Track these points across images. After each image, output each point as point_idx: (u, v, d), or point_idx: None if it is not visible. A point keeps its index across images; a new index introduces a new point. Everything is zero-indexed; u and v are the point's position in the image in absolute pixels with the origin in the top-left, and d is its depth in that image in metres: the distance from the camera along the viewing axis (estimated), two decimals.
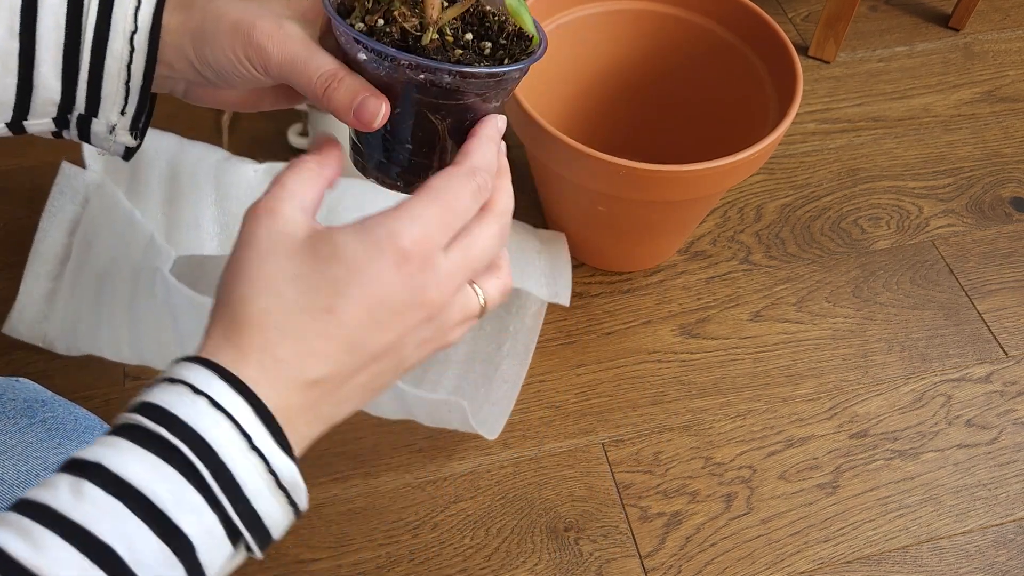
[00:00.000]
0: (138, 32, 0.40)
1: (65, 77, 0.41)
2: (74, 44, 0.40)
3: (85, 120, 0.43)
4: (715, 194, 0.84)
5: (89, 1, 0.40)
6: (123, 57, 0.41)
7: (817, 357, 0.90)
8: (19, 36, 0.40)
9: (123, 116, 0.43)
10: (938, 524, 0.79)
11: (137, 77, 0.42)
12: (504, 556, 0.75)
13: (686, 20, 0.89)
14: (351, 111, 0.37)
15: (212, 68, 0.40)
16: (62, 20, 0.40)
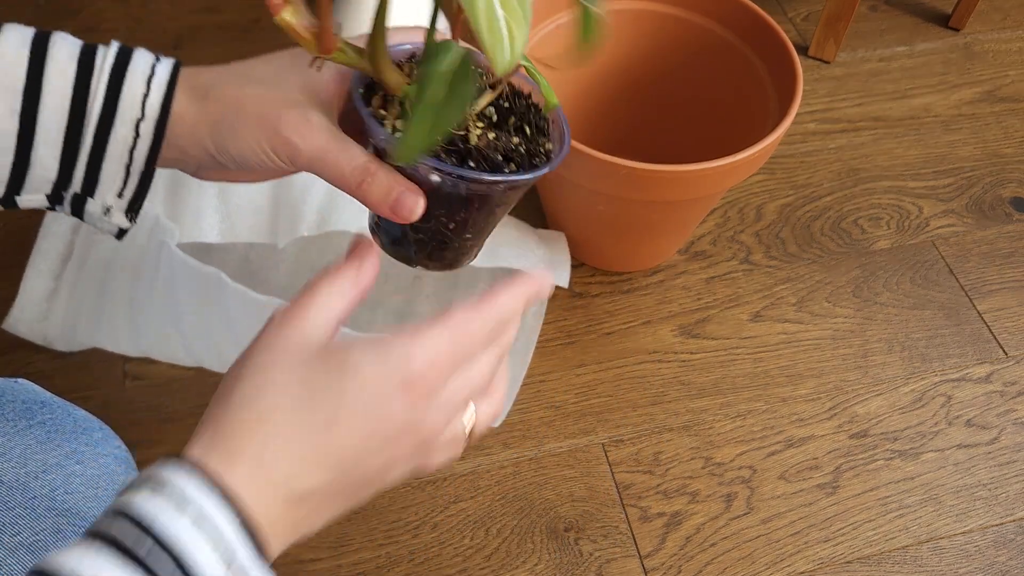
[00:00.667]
0: (145, 120, 0.39)
1: (64, 159, 0.40)
2: (76, 127, 0.39)
3: (80, 199, 0.42)
4: (715, 194, 0.84)
5: (96, 85, 0.39)
6: (127, 143, 0.40)
7: (817, 357, 0.90)
8: (19, 116, 0.39)
9: (120, 199, 0.42)
10: (938, 524, 0.79)
11: (139, 162, 0.41)
12: (504, 556, 0.75)
13: (686, 20, 0.89)
14: (387, 206, 0.37)
15: (233, 157, 0.39)
16: (67, 103, 0.39)
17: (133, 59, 0.39)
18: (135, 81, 0.39)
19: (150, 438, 0.80)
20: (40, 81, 0.38)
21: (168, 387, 0.83)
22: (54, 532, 0.52)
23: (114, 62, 0.39)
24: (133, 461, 0.62)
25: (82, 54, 0.39)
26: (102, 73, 0.39)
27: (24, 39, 0.39)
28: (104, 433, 0.61)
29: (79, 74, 0.38)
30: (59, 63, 0.38)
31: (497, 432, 0.82)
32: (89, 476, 0.57)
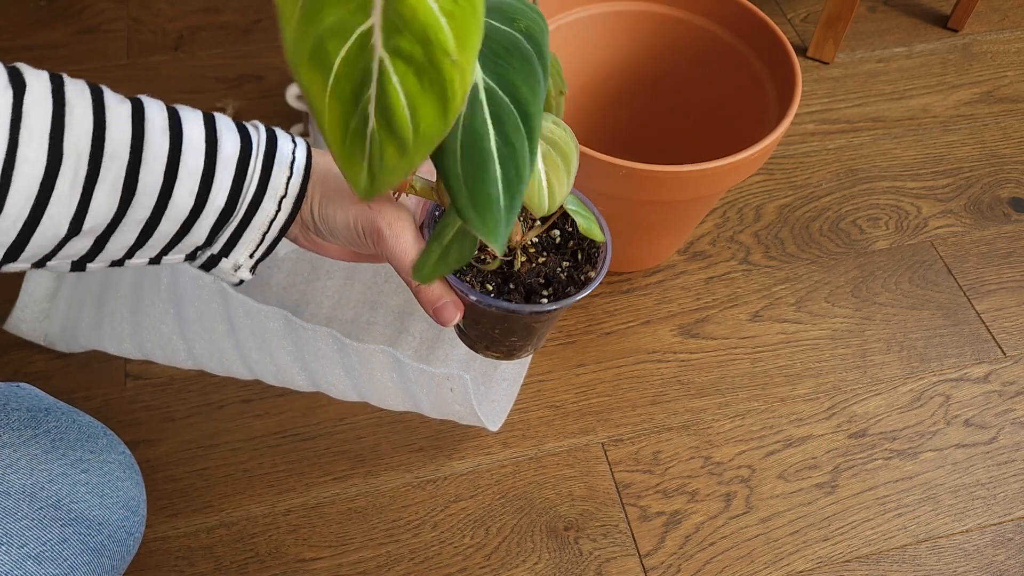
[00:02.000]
0: (287, 197, 0.45)
1: (214, 228, 0.45)
2: (232, 204, 0.44)
3: (216, 258, 0.47)
4: (715, 194, 0.84)
5: (253, 172, 0.44)
6: (269, 215, 0.45)
7: (816, 357, 0.90)
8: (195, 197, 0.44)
9: (250, 259, 0.47)
10: (936, 523, 0.80)
11: (275, 231, 0.46)
12: (504, 555, 0.75)
13: (686, 21, 0.89)
14: (432, 309, 0.44)
15: (328, 224, 0.45)
16: (228, 184, 0.44)
17: (279, 146, 0.45)
18: (282, 166, 0.45)
19: (150, 438, 0.80)
20: (214, 167, 0.43)
21: (168, 387, 0.83)
22: (60, 542, 0.53)
23: (265, 149, 0.45)
24: (137, 466, 0.63)
25: (242, 140, 0.45)
26: (257, 160, 0.44)
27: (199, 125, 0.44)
28: (108, 439, 0.61)
29: (240, 160, 0.44)
30: (225, 150, 0.44)
31: (497, 432, 0.82)
32: (94, 484, 0.57)
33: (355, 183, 0.30)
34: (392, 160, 0.28)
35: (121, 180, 0.41)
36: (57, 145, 0.38)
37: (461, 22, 0.25)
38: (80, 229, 0.41)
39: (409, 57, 0.26)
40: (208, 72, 1.12)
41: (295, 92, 0.94)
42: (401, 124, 0.27)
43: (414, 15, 0.25)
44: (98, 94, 0.41)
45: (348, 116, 0.28)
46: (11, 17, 1.17)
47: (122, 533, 0.58)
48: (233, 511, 0.77)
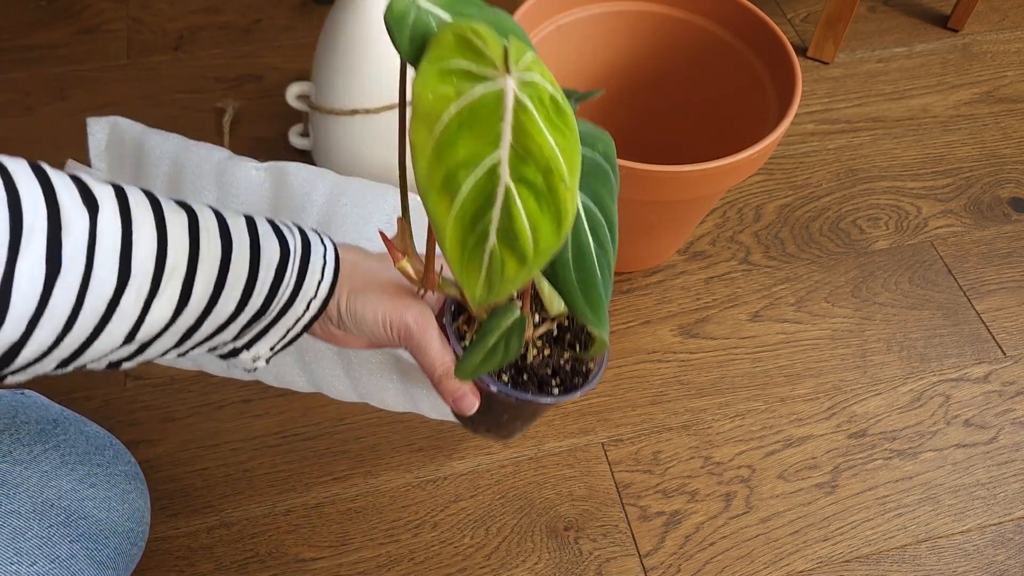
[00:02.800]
0: (316, 299, 0.47)
1: (244, 329, 0.46)
2: (265, 307, 0.46)
3: (238, 351, 0.48)
4: (715, 194, 0.84)
5: (289, 278, 0.45)
6: (297, 315, 0.47)
7: (816, 357, 0.90)
8: (237, 303, 0.45)
9: (271, 351, 0.49)
10: (936, 523, 0.80)
11: (299, 328, 0.48)
12: (504, 555, 0.75)
13: (686, 21, 0.89)
14: (453, 399, 0.47)
15: (355, 318, 0.47)
16: (266, 290, 0.46)
17: (313, 249, 0.47)
18: (315, 271, 0.46)
19: (150, 438, 0.80)
20: (256, 275, 0.45)
21: (169, 387, 0.83)
22: (68, 558, 0.53)
23: (301, 254, 0.46)
24: (142, 475, 0.63)
25: (280, 246, 0.46)
26: (294, 266, 0.46)
27: (244, 231, 0.45)
28: (115, 450, 0.62)
29: (278, 267, 0.46)
30: (266, 257, 0.45)
31: None
32: (101, 499, 0.58)
33: (471, 292, 0.33)
34: (512, 272, 0.32)
35: (178, 292, 0.42)
36: (126, 265, 0.39)
37: (569, 153, 0.30)
38: (133, 339, 0.42)
39: (532, 184, 0.30)
40: (208, 72, 1.12)
41: (295, 92, 0.94)
42: (523, 241, 0.31)
43: (540, 150, 0.29)
44: (158, 207, 0.42)
45: (467, 235, 0.31)
46: (11, 17, 1.17)
47: (127, 544, 0.59)
48: (233, 511, 0.77)
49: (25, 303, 0.36)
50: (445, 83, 0.29)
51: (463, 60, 0.29)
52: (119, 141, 0.80)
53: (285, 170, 0.75)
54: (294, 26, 1.19)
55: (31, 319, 0.36)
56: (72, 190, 0.39)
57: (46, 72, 1.11)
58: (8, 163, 0.37)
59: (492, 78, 0.29)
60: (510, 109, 0.29)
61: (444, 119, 0.29)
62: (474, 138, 0.29)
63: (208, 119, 1.06)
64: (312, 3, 1.22)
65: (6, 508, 0.52)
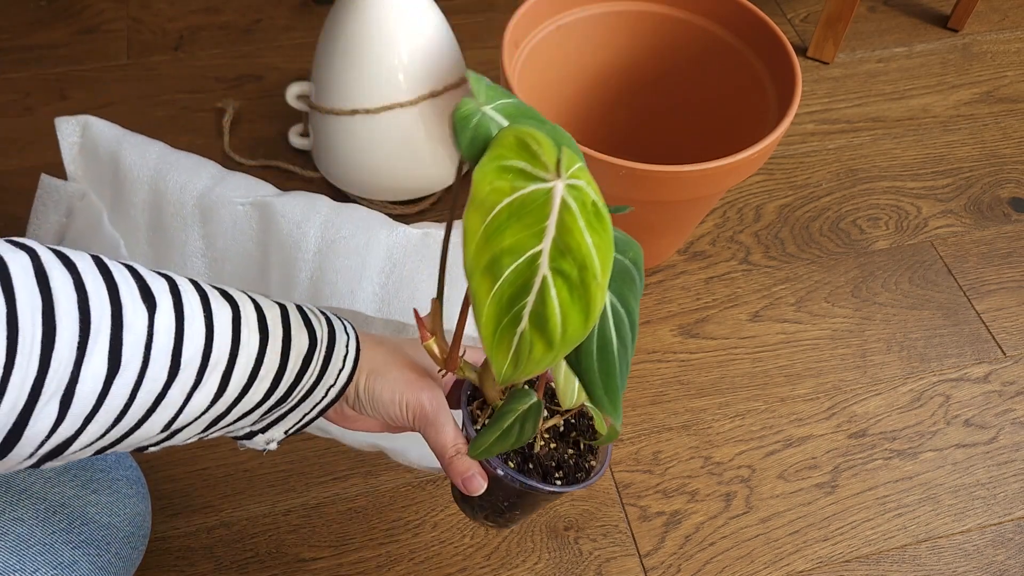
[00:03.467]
0: (334, 387, 0.48)
1: (265, 415, 0.47)
2: (285, 397, 0.47)
3: (253, 433, 0.49)
4: (715, 194, 0.84)
5: (313, 369, 0.47)
6: (315, 402, 0.48)
7: (816, 357, 0.90)
8: (265, 394, 0.46)
9: (285, 434, 0.49)
10: (936, 523, 0.80)
11: (315, 413, 0.49)
12: (504, 555, 0.75)
13: (686, 21, 0.90)
14: (461, 479, 0.48)
15: (372, 397, 0.49)
16: (292, 378, 0.46)
17: (337, 339, 0.48)
18: (337, 360, 0.48)
19: None
20: (286, 366, 0.46)
21: None
22: (70, 564, 0.53)
23: (327, 345, 0.48)
24: (143, 479, 0.63)
25: (309, 337, 0.47)
26: (319, 357, 0.47)
27: (279, 321, 0.46)
28: (117, 455, 0.62)
29: (304, 358, 0.46)
30: (295, 348, 0.46)
31: None
32: (103, 504, 0.58)
33: (498, 368, 0.36)
34: (539, 354, 0.35)
35: (216, 384, 0.43)
36: (177, 360, 0.40)
37: (604, 253, 0.33)
38: (169, 429, 0.42)
39: (567, 276, 0.33)
40: (208, 72, 1.12)
41: (295, 92, 0.94)
42: (552, 327, 0.34)
43: (578, 246, 0.33)
44: (206, 302, 0.43)
45: (502, 316, 0.35)
46: (11, 17, 1.17)
47: (128, 548, 0.59)
48: (233, 511, 0.77)
49: (85, 401, 0.37)
50: (502, 178, 0.33)
51: (520, 160, 0.33)
52: (93, 147, 0.77)
53: (271, 208, 0.71)
54: (294, 26, 1.19)
55: (88, 415, 0.37)
56: (132, 286, 0.40)
57: (46, 72, 1.11)
58: (75, 259, 0.38)
59: (544, 179, 0.32)
60: (556, 208, 0.32)
61: (496, 209, 0.33)
62: (521, 229, 0.33)
63: (208, 119, 1.06)
64: (312, 3, 1.22)
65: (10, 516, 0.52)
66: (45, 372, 0.35)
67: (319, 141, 0.95)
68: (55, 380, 0.35)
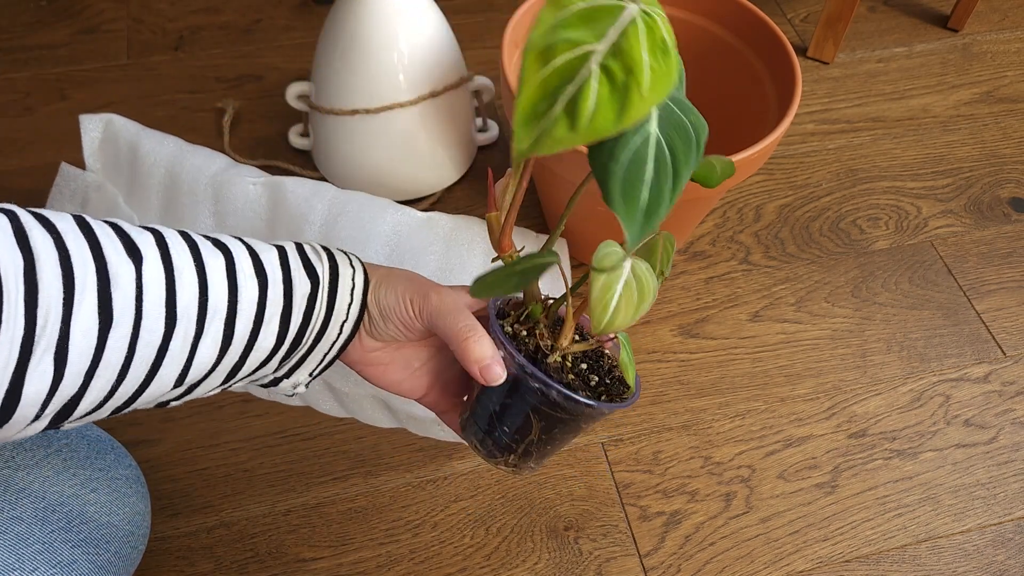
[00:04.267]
0: (347, 321, 0.48)
1: (283, 360, 0.48)
2: (299, 339, 0.47)
3: (278, 380, 0.49)
4: (714, 194, 0.84)
5: (320, 307, 0.46)
6: (331, 339, 0.48)
7: (816, 357, 0.90)
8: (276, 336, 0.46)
9: (310, 376, 0.50)
10: (936, 523, 0.80)
11: (335, 351, 0.49)
12: (504, 555, 0.75)
13: (686, 21, 0.90)
14: (479, 366, 0.45)
15: (380, 310, 0.48)
16: (299, 318, 0.46)
17: (341, 274, 0.48)
18: (344, 294, 0.47)
19: (150, 438, 0.80)
20: (291, 307, 0.46)
21: None
22: (69, 563, 0.53)
23: (329, 280, 0.47)
24: (143, 478, 0.63)
25: (309, 276, 0.47)
26: (323, 293, 0.47)
27: (277, 265, 0.46)
28: (117, 454, 0.62)
29: (309, 296, 0.46)
30: (299, 289, 0.46)
31: None
32: (103, 503, 0.58)
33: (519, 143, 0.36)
34: (561, 133, 0.34)
35: (220, 333, 0.43)
36: (172, 311, 0.41)
37: (658, 74, 0.34)
38: (183, 382, 0.43)
39: (612, 75, 0.34)
40: (208, 72, 1.12)
41: (295, 92, 0.94)
42: (582, 112, 0.34)
43: (631, 50, 0.34)
44: (196, 252, 0.43)
45: (542, 99, 0.35)
46: (11, 17, 1.17)
47: (127, 548, 0.59)
48: (233, 511, 0.77)
49: (81, 358, 0.37)
50: None
51: None
52: (113, 140, 0.79)
53: (283, 186, 0.74)
54: (294, 26, 1.19)
55: (87, 372, 0.38)
56: (116, 242, 0.40)
57: (46, 72, 1.11)
58: (55, 220, 0.38)
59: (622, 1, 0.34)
60: (624, 21, 0.34)
61: (571, 8, 0.34)
62: (586, 29, 0.34)
63: (208, 119, 1.06)
64: (312, 3, 1.22)
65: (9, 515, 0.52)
66: (32, 329, 0.35)
67: (319, 141, 0.95)
68: (44, 337, 0.36)
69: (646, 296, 0.43)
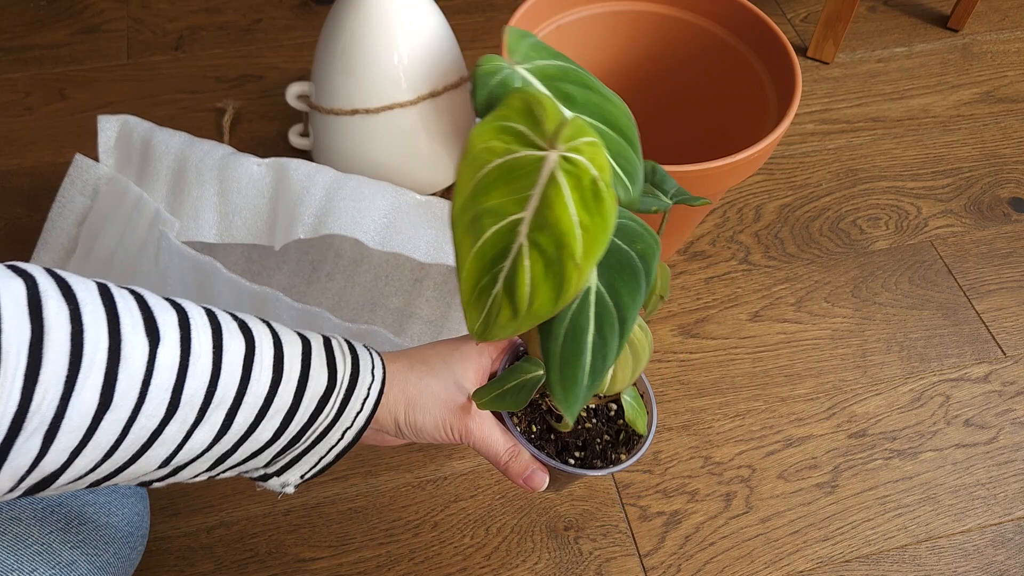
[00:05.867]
0: (351, 429, 0.46)
1: (276, 456, 0.45)
2: (298, 438, 0.45)
3: (267, 476, 0.47)
4: (714, 194, 0.84)
5: (329, 411, 0.44)
6: (331, 444, 0.46)
7: (816, 357, 0.90)
8: (275, 431, 0.44)
9: (301, 479, 0.47)
10: (936, 523, 0.80)
11: (331, 457, 0.47)
12: (504, 555, 0.75)
13: (686, 21, 0.89)
14: (522, 479, 0.48)
15: (415, 428, 0.48)
16: (304, 420, 0.44)
17: (360, 379, 0.46)
18: (357, 401, 0.46)
19: None
20: (299, 406, 0.44)
21: None
22: (68, 564, 0.53)
23: (347, 385, 0.45)
24: None
25: (328, 376, 0.45)
26: (337, 398, 0.45)
27: (298, 359, 0.44)
28: None
29: (321, 398, 0.45)
30: (312, 388, 0.44)
31: None
32: (101, 504, 0.58)
33: (471, 325, 0.35)
34: (504, 321, 0.34)
35: (220, 422, 0.41)
36: (177, 397, 0.38)
37: (592, 236, 0.31)
38: (168, 464, 0.41)
39: (543, 250, 0.32)
40: (208, 72, 1.12)
41: (295, 92, 0.94)
42: (520, 297, 0.33)
43: (558, 221, 0.31)
44: (218, 335, 0.41)
45: (482, 275, 0.34)
46: (11, 17, 1.17)
47: (127, 549, 0.59)
48: (233, 511, 0.77)
49: (70, 436, 0.35)
50: (499, 138, 0.32)
51: (522, 124, 0.32)
52: (128, 138, 0.82)
53: (286, 166, 0.76)
54: (294, 26, 1.19)
55: (73, 451, 0.36)
56: (135, 317, 0.37)
57: (46, 72, 1.11)
58: (76, 288, 0.36)
59: (538, 146, 0.31)
60: (543, 179, 0.31)
61: (487, 168, 0.32)
62: (507, 193, 0.32)
63: (208, 119, 1.06)
64: (312, 3, 1.22)
65: (7, 515, 0.52)
66: (27, 406, 0.33)
67: (319, 141, 0.95)
68: (38, 415, 0.34)
69: (641, 357, 0.45)
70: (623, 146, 0.37)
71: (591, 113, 0.36)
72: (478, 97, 0.35)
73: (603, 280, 0.37)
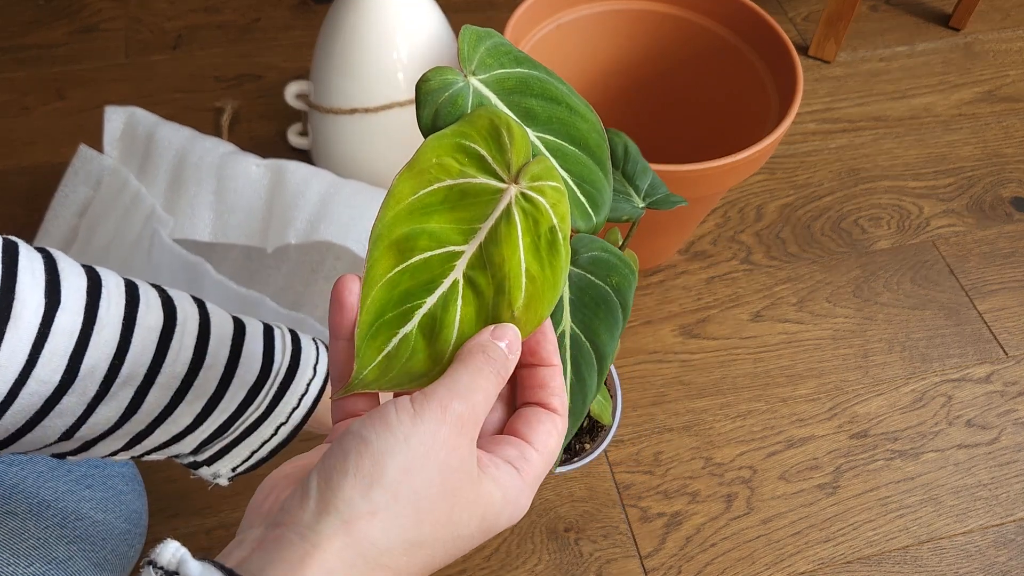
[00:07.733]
0: (286, 425, 0.43)
1: (203, 444, 0.43)
2: (226, 427, 0.42)
3: (197, 464, 0.45)
4: (715, 194, 0.83)
5: (261, 401, 0.42)
6: (263, 439, 0.44)
7: (817, 357, 0.89)
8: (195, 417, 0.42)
9: (233, 472, 0.45)
10: (938, 524, 0.79)
11: (265, 452, 0.44)
12: (504, 556, 0.75)
13: (686, 20, 0.89)
14: None
15: None
16: (231, 409, 0.42)
17: (300, 372, 0.42)
18: (293, 397, 0.42)
19: None
20: (225, 391, 0.41)
21: None
22: (65, 559, 0.53)
23: (283, 378, 0.42)
24: (140, 477, 0.63)
25: (263, 364, 0.41)
26: (271, 388, 0.42)
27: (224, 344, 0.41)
28: None
29: (253, 386, 0.41)
30: (246, 375, 0.41)
31: None
32: (99, 500, 0.58)
33: (360, 367, 0.28)
34: (416, 367, 0.28)
35: (128, 400, 0.39)
36: (74, 367, 0.36)
37: (537, 289, 0.27)
38: (72, 437, 0.39)
39: (479, 292, 0.28)
40: (207, 71, 1.12)
41: (294, 91, 0.94)
42: (444, 341, 0.28)
43: (502, 263, 0.27)
44: (132, 308, 0.38)
45: (389, 306, 0.28)
46: (10, 16, 1.16)
47: (124, 546, 0.59)
48: (232, 512, 0.76)
49: None
50: (455, 156, 0.28)
51: (484, 147, 0.28)
52: (133, 131, 0.82)
53: (284, 168, 0.77)
54: (293, 25, 1.19)
55: None
56: (37, 277, 0.35)
57: (44, 72, 1.10)
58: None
59: (499, 177, 0.28)
60: (497, 214, 0.28)
61: (435, 186, 0.27)
62: (452, 220, 0.28)
63: (207, 118, 1.06)
64: (311, 2, 1.22)
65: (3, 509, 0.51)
66: None
67: (318, 140, 0.95)
68: None
69: None
70: (590, 168, 0.33)
71: (556, 131, 0.32)
72: (423, 117, 0.30)
73: (577, 321, 0.34)
